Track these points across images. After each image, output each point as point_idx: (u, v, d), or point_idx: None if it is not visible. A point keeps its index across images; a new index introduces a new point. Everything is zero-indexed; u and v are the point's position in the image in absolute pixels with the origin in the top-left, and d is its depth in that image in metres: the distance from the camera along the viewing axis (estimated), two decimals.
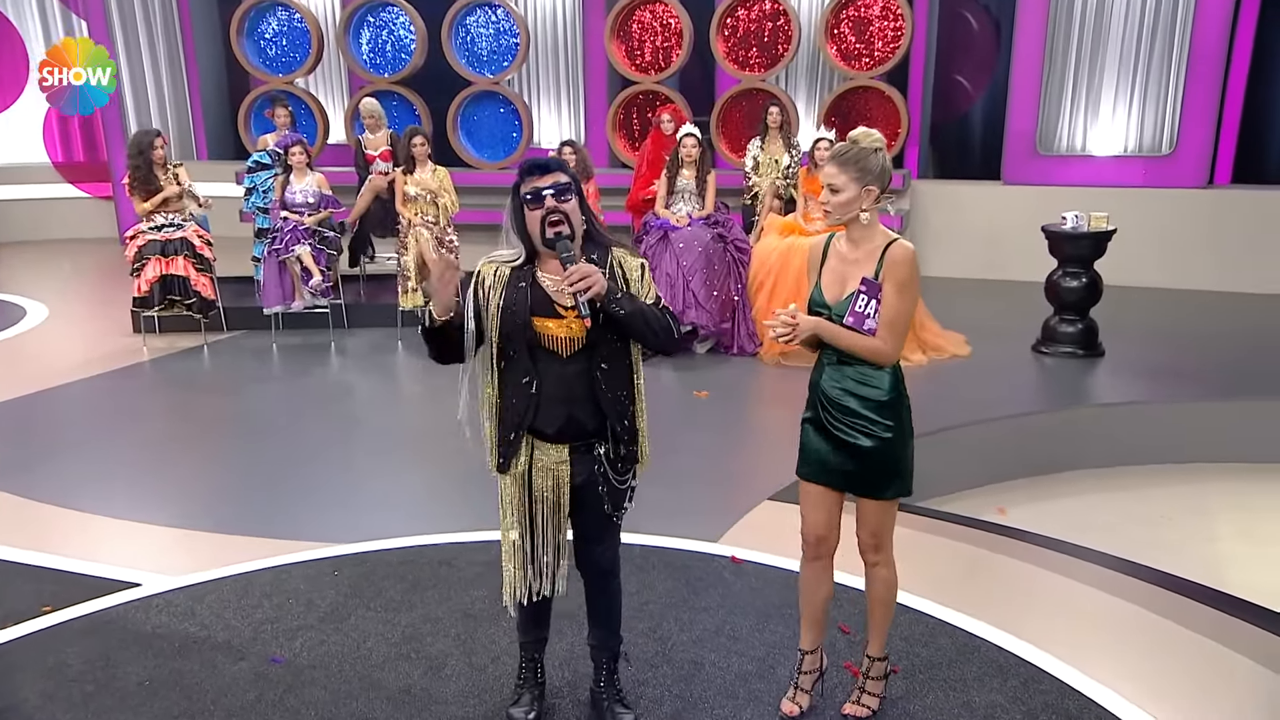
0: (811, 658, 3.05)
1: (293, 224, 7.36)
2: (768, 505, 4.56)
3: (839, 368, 2.76)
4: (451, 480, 5.02)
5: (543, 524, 2.65)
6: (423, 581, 3.82)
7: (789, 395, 6.30)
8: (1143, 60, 9.19)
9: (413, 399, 6.78)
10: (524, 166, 2.56)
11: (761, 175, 7.95)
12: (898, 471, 2.79)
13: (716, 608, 3.61)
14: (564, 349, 2.55)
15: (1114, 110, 9.34)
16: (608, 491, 2.66)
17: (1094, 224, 6.73)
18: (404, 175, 7.49)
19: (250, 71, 10.77)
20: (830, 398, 2.79)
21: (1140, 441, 5.86)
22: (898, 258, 2.67)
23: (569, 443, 2.61)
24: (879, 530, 2.85)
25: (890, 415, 2.74)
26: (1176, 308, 8.44)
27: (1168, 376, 6.49)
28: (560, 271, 2.53)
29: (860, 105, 9.64)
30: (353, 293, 8.21)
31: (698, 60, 10.27)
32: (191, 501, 4.72)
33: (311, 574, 3.90)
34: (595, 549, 2.74)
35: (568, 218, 2.49)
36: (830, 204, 2.70)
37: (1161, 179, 9.13)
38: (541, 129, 11.01)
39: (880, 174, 2.69)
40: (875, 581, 2.93)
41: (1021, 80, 9.49)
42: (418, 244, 7.33)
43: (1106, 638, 3.49)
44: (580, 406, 2.57)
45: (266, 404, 6.33)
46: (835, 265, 2.78)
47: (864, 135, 2.71)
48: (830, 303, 2.75)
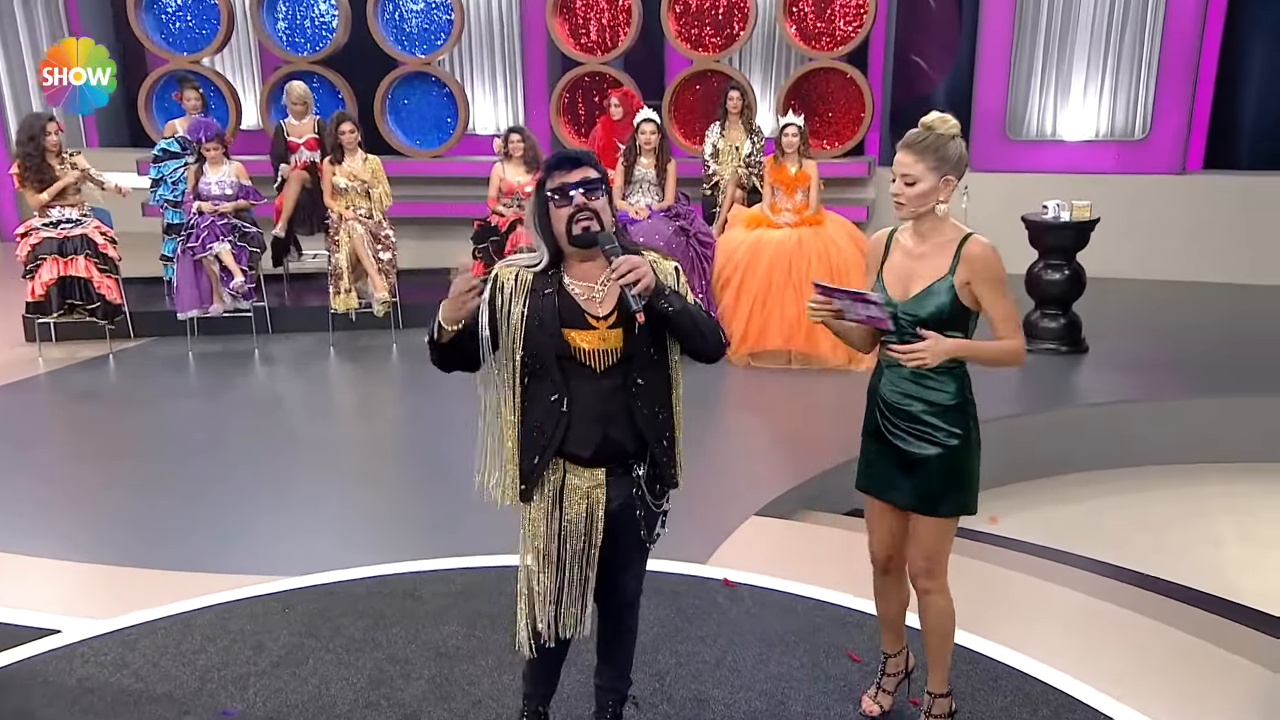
0: (895, 660, 3.08)
1: (209, 219, 7.10)
2: (756, 521, 4.52)
3: (899, 369, 2.73)
4: (409, 501, 4.90)
5: (572, 556, 2.54)
6: (386, 617, 3.68)
7: (763, 400, 6.30)
8: (1114, 41, 9.40)
9: (352, 410, 6.61)
10: (551, 160, 2.47)
11: (722, 163, 7.93)
12: (961, 484, 2.76)
13: (714, 637, 3.54)
14: (597, 363, 2.44)
15: (1085, 93, 9.53)
16: (644, 516, 2.58)
17: (1077, 213, 6.84)
18: (331, 165, 7.28)
19: (150, 49, 10.38)
20: (890, 403, 2.76)
21: (1132, 442, 5.96)
22: (980, 255, 2.65)
23: (605, 465, 2.50)
24: (934, 553, 2.81)
25: (957, 421, 2.72)
26: (1155, 300, 8.64)
27: (1153, 372, 6.63)
28: (589, 276, 2.45)
29: (821, 88, 9.67)
30: (277, 294, 7.97)
31: (647, 40, 10.20)
32: (109, 533, 4.51)
33: (258, 612, 3.73)
34: (622, 576, 2.65)
35: (598, 216, 2.39)
36: (904, 196, 2.66)
37: (1135, 164, 9.35)
38: (478, 114, 10.83)
39: (958, 162, 2.66)
40: (930, 611, 2.88)
41: (989, 62, 9.63)
42: (350, 240, 7.13)
43: (1126, 657, 3.51)
44: (616, 426, 2.47)
45: (186, 420, 6.10)
46: (900, 260, 2.75)
47: (940, 121, 2.66)
48: (896, 300, 2.71)
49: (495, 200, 7.31)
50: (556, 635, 2.60)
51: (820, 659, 3.41)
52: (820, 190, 7.01)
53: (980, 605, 3.64)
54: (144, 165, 8.77)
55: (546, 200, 2.43)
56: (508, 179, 7.29)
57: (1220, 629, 3.77)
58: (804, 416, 6.04)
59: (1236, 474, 5.79)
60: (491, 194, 7.33)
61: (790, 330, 6.66)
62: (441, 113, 10.15)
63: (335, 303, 7.26)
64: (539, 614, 2.56)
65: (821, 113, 9.65)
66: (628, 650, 2.84)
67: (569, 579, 2.55)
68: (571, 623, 2.60)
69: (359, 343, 7.46)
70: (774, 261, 6.78)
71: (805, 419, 6.01)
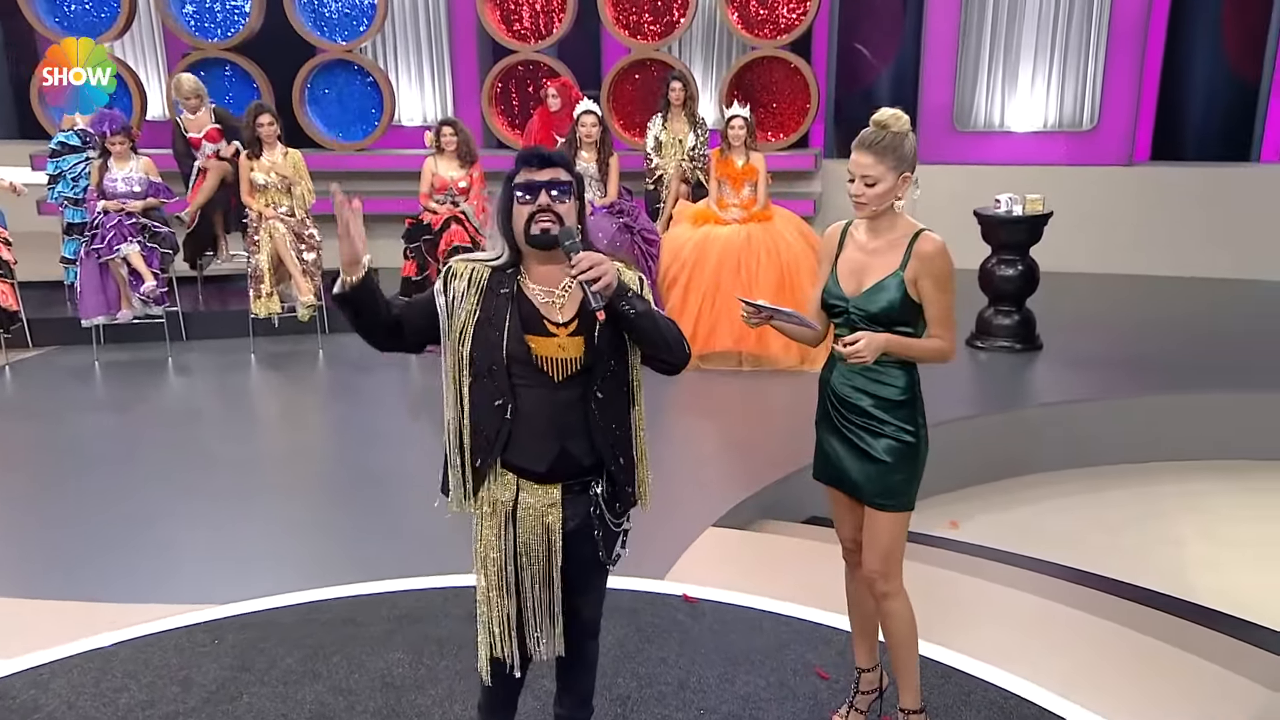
0: (868, 676, 3.10)
1: (116, 218, 6.88)
2: (713, 533, 4.51)
3: (850, 364, 2.78)
4: (343, 519, 4.80)
5: (531, 578, 2.49)
6: (325, 646, 3.59)
7: (713, 404, 6.30)
8: (1061, 30, 9.63)
9: (276, 422, 6.46)
10: (523, 154, 2.43)
11: (665, 157, 7.93)
12: (910, 479, 2.84)
13: (676, 658, 3.52)
14: (555, 372, 2.39)
15: (1033, 83, 9.74)
16: (603, 536, 2.54)
17: (1029, 207, 6.96)
18: (249, 160, 7.11)
19: (43, 34, 10.03)
20: (841, 396, 2.85)
21: (1088, 442, 6.10)
22: (930, 253, 2.74)
23: (562, 482, 2.46)
24: (888, 552, 2.86)
25: (906, 417, 2.81)
26: (1108, 295, 8.87)
27: (1108, 369, 6.78)
28: (550, 280, 2.41)
29: (765, 78, 9.74)
30: (191, 299, 7.80)
31: (583, 27, 10.15)
32: (11, 560, 4.33)
33: (184, 645, 3.61)
34: (579, 601, 2.60)
35: (560, 219, 2.36)
36: (865, 196, 2.74)
37: (1084, 156, 9.58)
38: (404, 104, 10.68)
39: (912, 158, 2.75)
40: (890, 618, 2.92)
41: (936, 51, 9.80)
42: (272, 241, 6.97)
43: (1092, 663, 3.56)
44: (575, 440, 2.43)
45: (93, 436, 5.92)
46: (854, 255, 2.84)
47: (893, 118, 2.72)
48: (849, 295, 2.81)
49: (427, 196, 7.20)
50: (524, 659, 2.55)
51: (788, 677, 3.40)
52: (768, 184, 7.04)
53: (940, 613, 3.67)
54: (39, 160, 8.47)
55: (511, 194, 2.39)
56: (440, 174, 7.19)
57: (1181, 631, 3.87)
58: (757, 420, 6.06)
59: (1193, 472, 5.96)
60: (423, 190, 7.22)
61: (740, 331, 6.67)
62: (365, 103, 9.99)
63: (256, 307, 7.09)
64: (498, 640, 2.51)
65: (765, 103, 9.71)
66: (589, 676, 2.80)
67: (529, 603, 2.51)
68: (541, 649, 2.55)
69: (282, 349, 7.31)
70: (722, 259, 6.79)
71: (758, 423, 6.03)
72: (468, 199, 7.17)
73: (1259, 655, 3.74)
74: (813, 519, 5.19)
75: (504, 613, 2.49)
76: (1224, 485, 5.91)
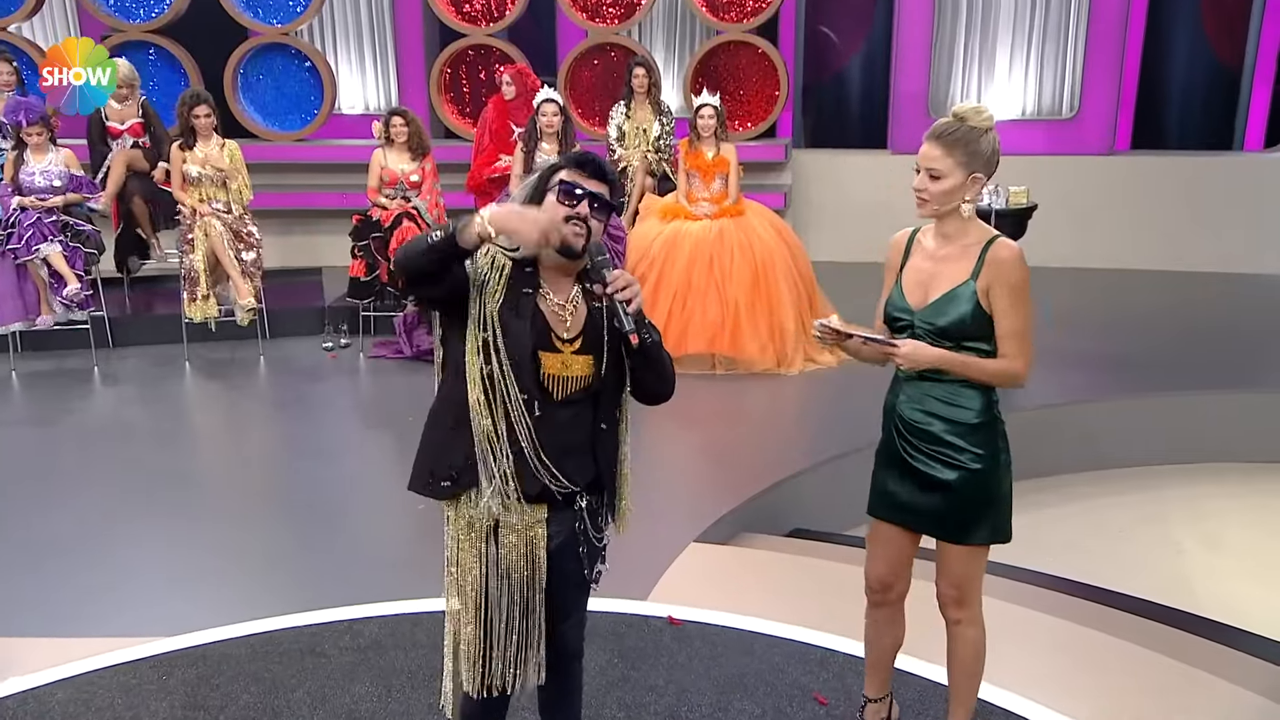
0: (876, 706, 3.08)
1: (34, 216, 6.71)
2: (696, 549, 4.49)
3: (919, 385, 2.73)
4: (299, 542, 4.72)
5: (512, 602, 2.45)
6: (285, 680, 3.51)
7: (688, 411, 6.26)
8: (1039, 14, 9.75)
9: (215, 436, 6.34)
10: (577, 155, 2.41)
11: (628, 148, 7.91)
12: (991, 510, 2.76)
13: (665, 685, 3.49)
14: (557, 390, 2.37)
15: (1010, 69, 9.85)
16: (587, 552, 2.54)
17: (1013, 199, 7.04)
18: (182, 152, 6.97)
19: None
20: (909, 422, 2.76)
21: (1082, 445, 6.18)
22: (1006, 259, 2.64)
23: (549, 501, 2.43)
24: (964, 581, 2.82)
25: (982, 442, 2.72)
26: (1095, 289, 8.98)
27: (1097, 368, 6.87)
28: (560, 291, 2.41)
29: (730, 64, 9.75)
30: (118, 302, 7.64)
31: (537, 9, 10.09)
32: None
33: (130, 682, 3.51)
34: (564, 625, 2.58)
35: (589, 235, 2.35)
36: (928, 192, 2.66)
37: (1064, 145, 9.70)
38: (345, 91, 10.54)
39: (990, 159, 2.66)
40: (958, 643, 2.89)
41: (909, 36, 9.86)
42: (208, 239, 6.83)
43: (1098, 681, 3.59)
44: (570, 459, 2.42)
45: (10, 453, 5.79)
46: (921, 264, 2.75)
47: (974, 112, 2.66)
48: (915, 307, 2.72)
49: (376, 191, 7.10)
50: (500, 690, 2.51)
51: (783, 704, 3.39)
52: (740, 176, 7.04)
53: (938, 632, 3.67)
54: None
55: (547, 188, 2.37)
56: (390, 167, 7.10)
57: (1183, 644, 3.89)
58: (735, 428, 6.05)
59: (1193, 475, 6.05)
60: (372, 184, 7.13)
61: (714, 332, 6.67)
62: (303, 90, 9.86)
63: (190, 310, 6.96)
64: (468, 669, 2.47)
65: (732, 91, 9.72)
66: (575, 706, 2.78)
67: (512, 628, 2.47)
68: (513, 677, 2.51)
69: (220, 356, 7.20)
70: (693, 256, 6.78)
71: (737, 430, 6.02)
72: (420, 194, 7.08)
73: (1268, 669, 3.77)
74: (796, 531, 5.20)
75: (478, 637, 2.45)
76: (1226, 489, 6.00)
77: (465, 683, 2.51)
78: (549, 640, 2.58)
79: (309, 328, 7.63)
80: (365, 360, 7.20)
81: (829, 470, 5.34)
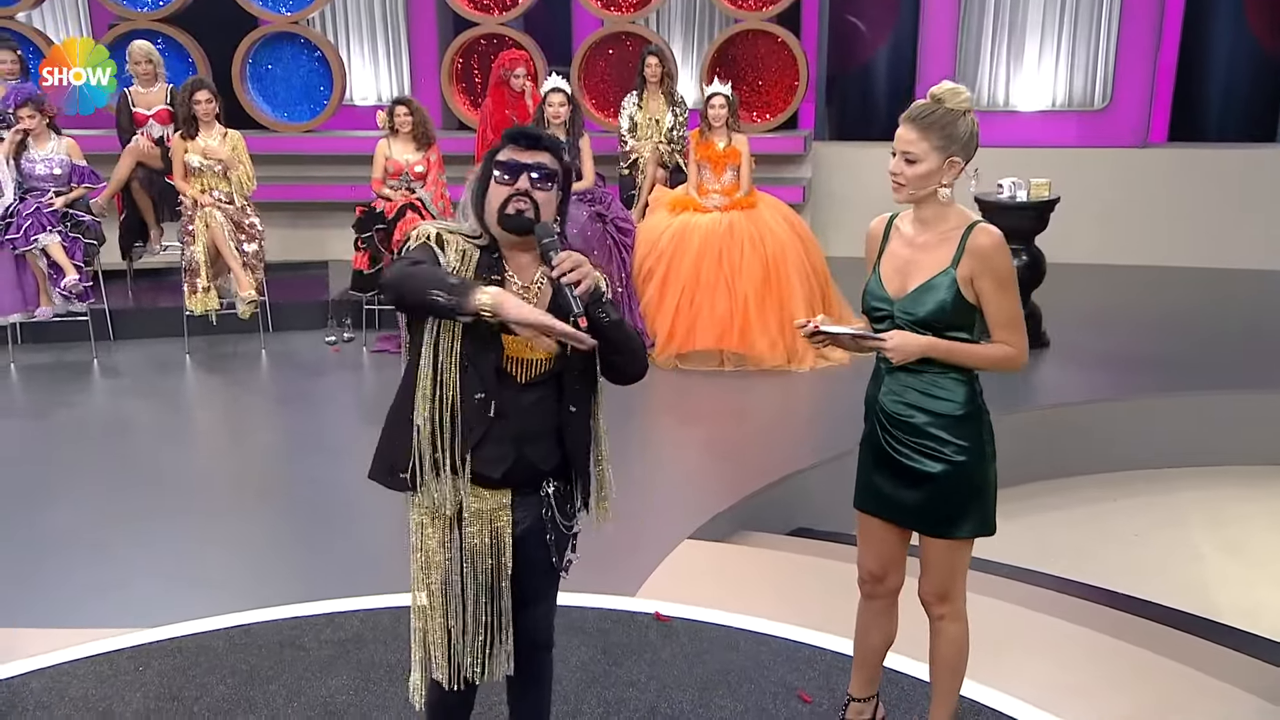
0: (860, 706, 3.09)
1: (34, 206, 6.83)
2: (689, 545, 4.52)
3: (898, 376, 2.75)
4: (282, 536, 4.79)
5: (478, 590, 2.50)
6: (261, 671, 3.57)
7: (693, 407, 6.32)
8: (1070, 1, 9.68)
9: (213, 431, 6.43)
10: (512, 132, 2.44)
11: (640, 139, 7.95)
12: (976, 503, 2.77)
13: (646, 681, 3.52)
14: (520, 373, 2.42)
15: (1040, 59, 9.81)
16: (555, 540, 2.57)
17: (1035, 192, 7.00)
18: (184, 141, 7.08)
19: None
20: (890, 414, 2.78)
21: (1102, 446, 6.14)
22: (987, 247, 2.65)
23: (513, 486, 2.47)
24: (948, 577, 2.83)
25: (965, 434, 2.73)
26: (1120, 287, 8.93)
27: (1121, 368, 6.83)
28: (521, 273, 2.44)
29: (749, 53, 9.76)
30: (119, 294, 7.75)
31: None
32: None
33: (105, 672, 3.58)
34: (531, 613, 2.63)
35: (536, 206, 2.37)
36: (904, 176, 2.67)
37: (1096, 137, 9.65)
38: (356, 82, 10.66)
39: (968, 142, 2.67)
40: (940, 639, 2.91)
41: (935, 25, 9.85)
42: (209, 230, 6.93)
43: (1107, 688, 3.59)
44: (534, 445, 2.47)
45: (7, 446, 5.88)
46: (900, 250, 2.77)
47: (950, 93, 2.67)
48: (893, 296, 2.73)
49: (381, 182, 7.18)
50: (468, 681, 2.56)
51: (767, 702, 3.41)
52: (752, 168, 7.06)
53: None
54: None
55: (490, 172, 2.40)
56: (394, 158, 7.17)
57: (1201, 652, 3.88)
58: (739, 424, 6.06)
59: (1214, 478, 6.00)
60: (376, 175, 7.20)
61: (722, 328, 6.69)
62: (313, 80, 9.95)
63: (191, 303, 7.04)
64: (440, 659, 2.51)
65: (750, 81, 9.74)
66: (544, 699, 2.82)
67: (477, 617, 2.51)
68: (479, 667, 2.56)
69: (220, 350, 7.28)
70: (702, 250, 6.81)
71: (741, 427, 6.03)
72: (424, 185, 7.15)
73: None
74: (799, 530, 5.21)
75: (444, 627, 2.50)
76: (1248, 493, 5.95)
77: (433, 669, 2.55)
78: (517, 629, 2.62)
79: (312, 321, 7.71)
80: (368, 354, 7.28)
81: (835, 468, 5.32)
